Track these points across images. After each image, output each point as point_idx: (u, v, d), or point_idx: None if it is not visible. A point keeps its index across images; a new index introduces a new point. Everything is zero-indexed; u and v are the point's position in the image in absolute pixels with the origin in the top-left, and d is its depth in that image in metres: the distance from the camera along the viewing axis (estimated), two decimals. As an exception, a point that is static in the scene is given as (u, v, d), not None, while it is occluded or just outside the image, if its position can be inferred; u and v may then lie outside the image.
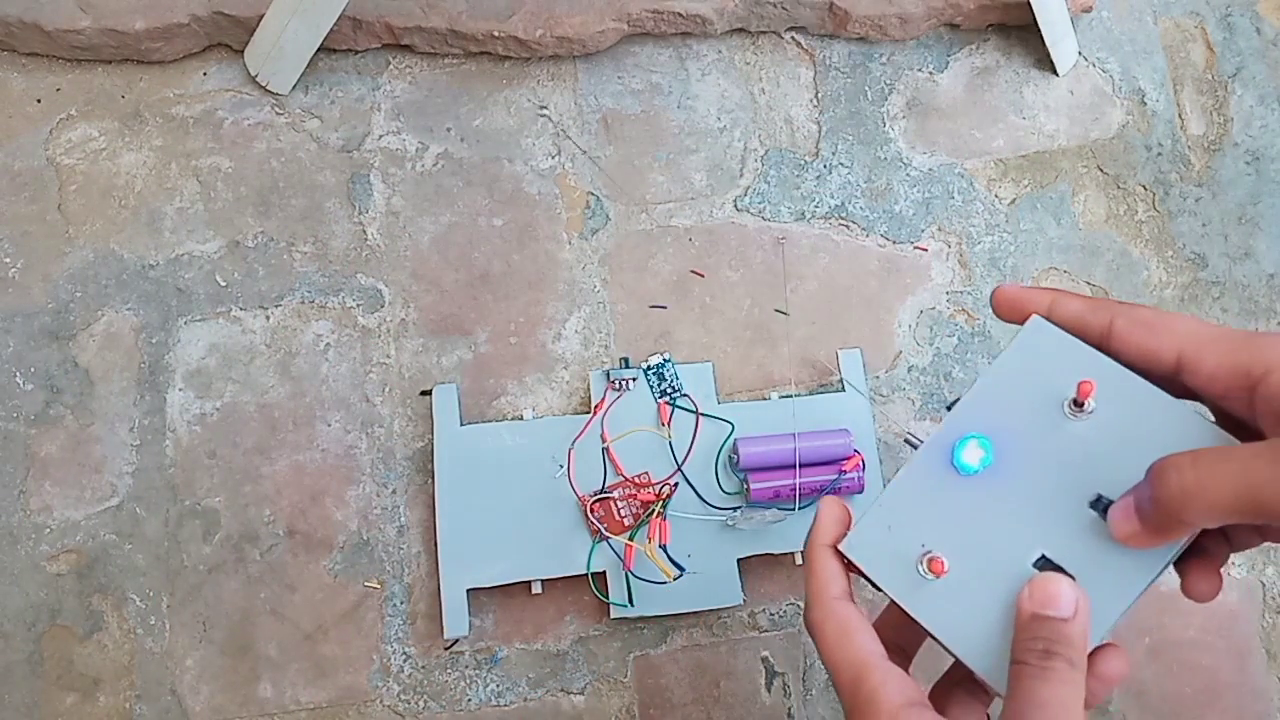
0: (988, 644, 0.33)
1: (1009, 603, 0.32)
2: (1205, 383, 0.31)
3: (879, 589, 0.35)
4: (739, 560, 0.57)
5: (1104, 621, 0.32)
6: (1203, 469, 0.29)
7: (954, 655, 0.34)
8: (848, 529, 0.36)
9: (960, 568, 0.34)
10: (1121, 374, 0.33)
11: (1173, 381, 0.33)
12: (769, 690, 0.58)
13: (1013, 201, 0.68)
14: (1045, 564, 0.33)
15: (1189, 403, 0.33)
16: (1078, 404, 0.34)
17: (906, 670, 0.36)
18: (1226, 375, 0.31)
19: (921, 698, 0.32)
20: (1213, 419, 0.33)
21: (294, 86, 0.64)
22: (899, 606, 0.35)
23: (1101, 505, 0.33)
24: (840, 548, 0.36)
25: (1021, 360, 0.35)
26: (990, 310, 0.65)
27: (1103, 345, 0.34)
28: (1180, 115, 0.71)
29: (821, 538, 0.36)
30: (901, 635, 0.36)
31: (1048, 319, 0.35)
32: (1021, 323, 0.36)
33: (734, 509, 0.57)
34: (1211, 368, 0.31)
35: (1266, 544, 0.35)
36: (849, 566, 0.36)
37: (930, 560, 0.34)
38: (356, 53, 0.65)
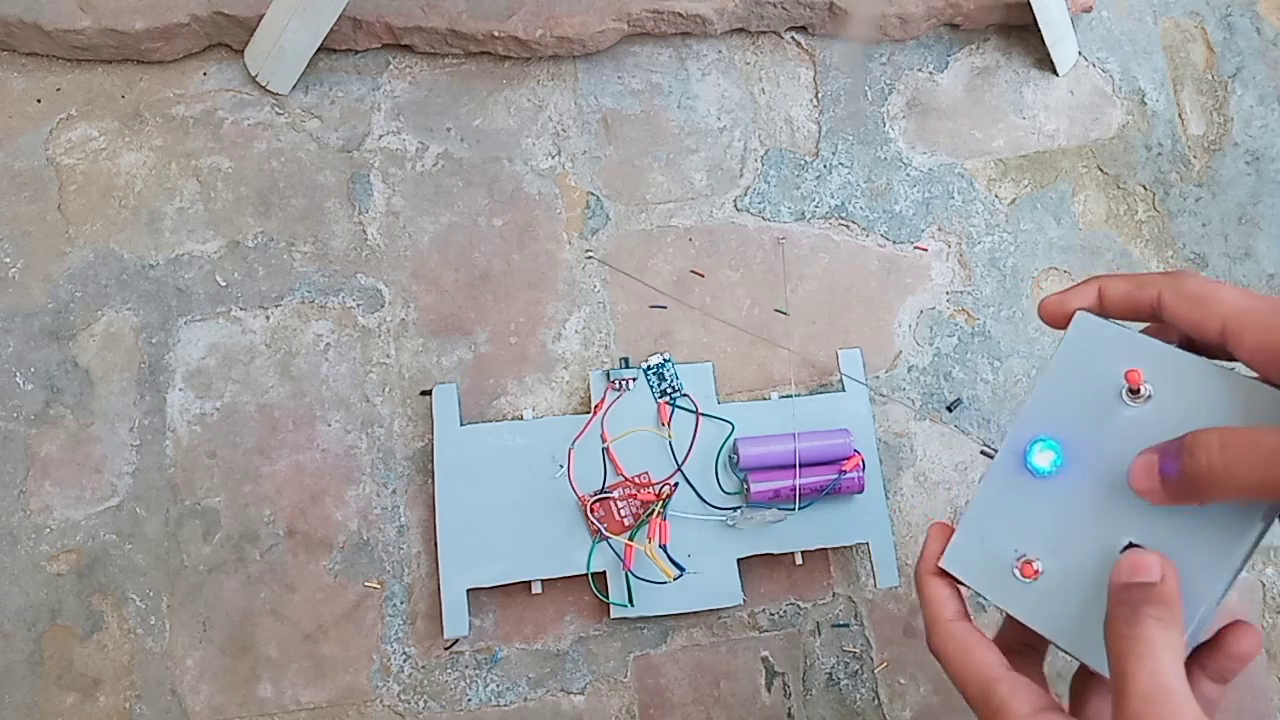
0: (1091, 633, 0.33)
1: (1105, 591, 0.33)
2: (1247, 356, 0.32)
3: (984, 599, 0.37)
4: (739, 560, 0.57)
5: (1205, 597, 0.32)
6: (1230, 452, 0.29)
7: (1062, 649, 0.35)
8: None
9: (1054, 566, 0.35)
10: (1171, 354, 0.34)
11: (1223, 351, 0.33)
12: (769, 690, 0.58)
13: (1013, 201, 0.68)
14: (1132, 550, 0.33)
15: (1242, 369, 0.33)
16: (1133, 391, 0.34)
17: (1040, 667, 0.37)
18: (1266, 350, 0.31)
19: (1050, 702, 0.32)
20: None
21: (294, 86, 0.64)
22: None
23: None
24: (940, 565, 0.38)
25: (1074, 357, 0.36)
26: (991, 311, 0.65)
27: (1154, 318, 0.35)
28: (1180, 115, 0.71)
29: (928, 565, 0.38)
30: (1028, 634, 0.37)
31: (1096, 308, 0.36)
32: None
33: (734, 509, 0.57)
34: (1252, 343, 0.31)
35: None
36: (957, 583, 0.37)
37: (1023, 564, 0.35)
38: (356, 53, 0.65)
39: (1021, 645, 0.37)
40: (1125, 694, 0.29)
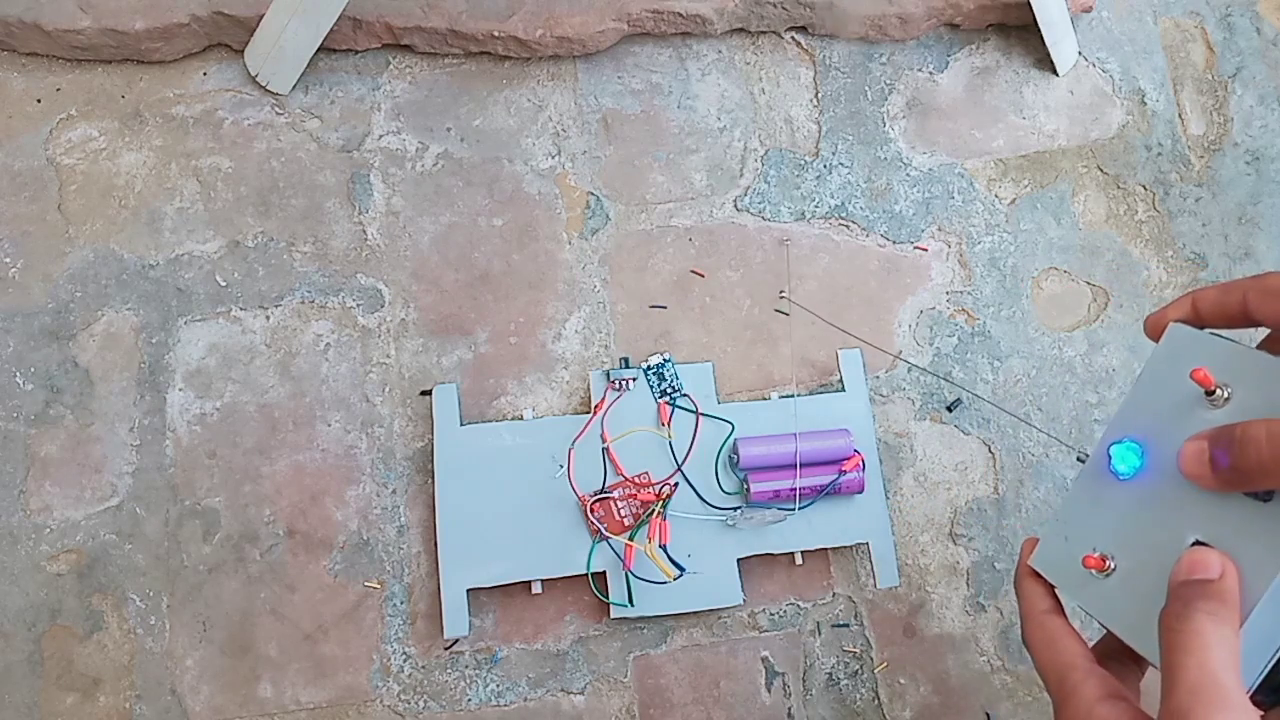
0: (1152, 628, 0.34)
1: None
2: None
3: (1066, 598, 0.38)
4: (739, 560, 0.57)
5: (1262, 587, 0.32)
6: (1278, 444, 0.30)
7: (1127, 643, 0.36)
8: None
9: (1127, 562, 0.36)
10: (1251, 355, 0.35)
11: None
12: (769, 690, 0.58)
13: (1013, 201, 0.68)
14: (1198, 547, 0.34)
15: None
16: (1209, 393, 0.35)
17: (1137, 679, 0.38)
18: None
19: (1121, 692, 0.33)
20: None
21: (294, 86, 0.64)
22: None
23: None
24: (1029, 563, 0.40)
25: (1162, 364, 0.37)
26: (991, 311, 0.65)
27: (1246, 321, 0.36)
28: (1180, 115, 0.71)
29: (1024, 566, 0.40)
30: (1127, 645, 0.38)
31: (1193, 319, 0.37)
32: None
33: (734, 509, 0.57)
34: None
35: None
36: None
37: (1088, 556, 0.36)
38: (356, 53, 0.65)
39: (1119, 654, 0.37)
40: (1173, 685, 0.30)
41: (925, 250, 0.66)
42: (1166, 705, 0.29)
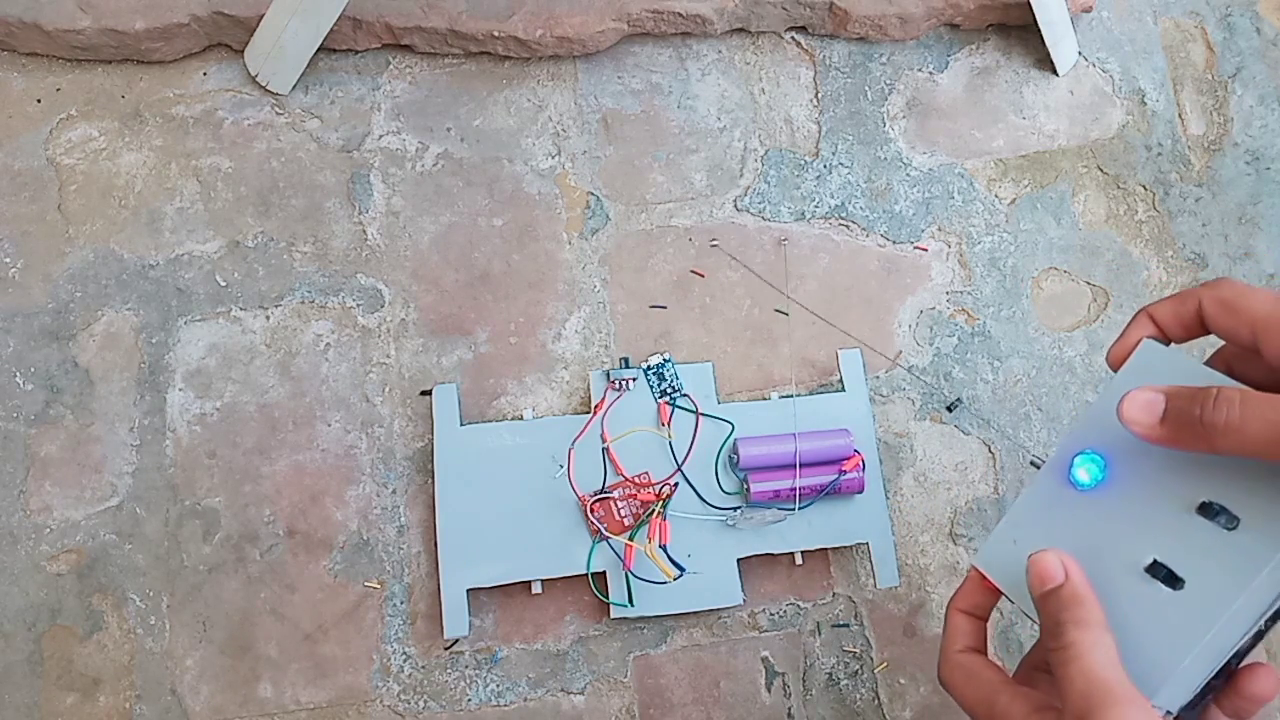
0: None
1: (1120, 606, 0.34)
2: (1275, 363, 0.33)
3: (1009, 599, 0.38)
4: (739, 560, 0.57)
5: (1217, 615, 0.32)
6: (1249, 410, 0.31)
7: None
8: (984, 594, 0.40)
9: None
10: (1212, 378, 0.34)
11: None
12: (769, 690, 0.58)
13: (1013, 201, 0.68)
14: (1156, 567, 0.34)
15: None
16: None
17: None
18: None
19: (1049, 703, 0.34)
20: None
21: (294, 86, 0.64)
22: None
23: (1210, 511, 0.34)
24: (974, 562, 0.40)
25: (1131, 378, 0.37)
26: (991, 311, 0.65)
27: (1204, 331, 0.36)
28: (1180, 115, 0.71)
29: (955, 600, 0.41)
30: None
31: (1158, 335, 0.37)
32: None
33: (734, 509, 0.57)
34: (1275, 351, 0.33)
35: None
36: (989, 586, 0.40)
37: (1031, 556, 0.36)
38: (356, 53, 0.65)
39: (1048, 666, 0.38)
40: (1066, 698, 0.32)
41: (925, 250, 0.66)
42: (1067, 716, 0.31)
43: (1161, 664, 0.33)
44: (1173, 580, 0.33)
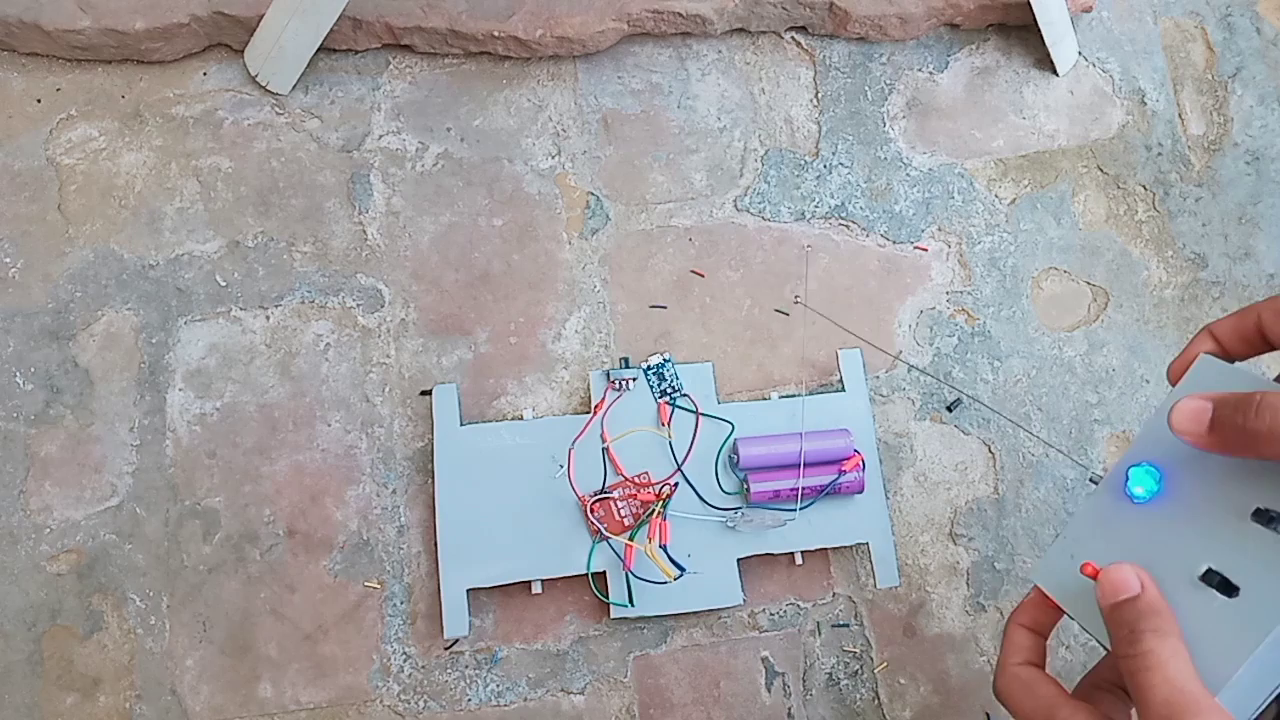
0: None
1: (1178, 615, 0.34)
2: None
3: (1067, 614, 0.38)
4: (739, 560, 0.57)
5: (1272, 621, 0.32)
6: None
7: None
8: (1046, 612, 0.40)
9: None
10: (1267, 388, 0.34)
11: None
12: (769, 690, 0.58)
13: (1013, 201, 0.68)
14: (1210, 575, 0.34)
15: None
16: None
17: (1129, 711, 0.39)
18: None
19: (1110, 718, 0.34)
20: None
21: (294, 86, 0.64)
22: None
23: (1265, 517, 0.33)
24: (1031, 577, 0.40)
25: (1189, 392, 0.37)
26: (991, 311, 0.65)
27: (1266, 345, 0.36)
28: (1180, 115, 0.71)
29: (1016, 614, 0.40)
30: (1119, 676, 0.38)
31: (1217, 351, 0.37)
32: None
33: (734, 509, 0.57)
34: None
35: None
36: (1052, 605, 0.39)
37: (1084, 564, 0.36)
38: (356, 53, 0.65)
39: (1110, 685, 0.38)
40: (1146, 706, 0.31)
41: (925, 250, 0.66)
42: None
43: (1218, 672, 0.32)
44: (1227, 588, 0.33)
